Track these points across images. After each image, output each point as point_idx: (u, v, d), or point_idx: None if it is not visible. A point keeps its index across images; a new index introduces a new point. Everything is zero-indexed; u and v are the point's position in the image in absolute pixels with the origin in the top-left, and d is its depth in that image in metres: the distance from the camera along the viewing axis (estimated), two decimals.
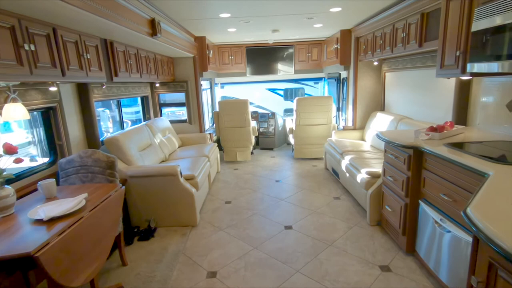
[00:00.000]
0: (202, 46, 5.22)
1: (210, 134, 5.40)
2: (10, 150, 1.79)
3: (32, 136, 4.04)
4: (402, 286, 2.22)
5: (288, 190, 4.24)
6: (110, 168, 2.45)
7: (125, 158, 3.25)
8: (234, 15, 3.75)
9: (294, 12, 3.75)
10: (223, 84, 7.79)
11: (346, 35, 5.00)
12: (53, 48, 2.01)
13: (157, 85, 4.93)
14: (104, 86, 3.16)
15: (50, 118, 2.64)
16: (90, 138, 3.14)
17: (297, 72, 6.65)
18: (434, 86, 3.44)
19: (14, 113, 1.93)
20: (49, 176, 2.57)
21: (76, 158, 2.45)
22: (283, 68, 6.62)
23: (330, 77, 6.53)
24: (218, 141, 5.89)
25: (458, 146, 2.12)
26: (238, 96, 8.01)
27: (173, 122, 5.31)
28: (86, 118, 3.09)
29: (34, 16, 1.84)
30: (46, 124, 2.66)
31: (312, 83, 8.09)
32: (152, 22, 2.92)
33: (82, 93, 3.02)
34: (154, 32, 2.95)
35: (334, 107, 5.48)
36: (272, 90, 8.41)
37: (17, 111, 1.94)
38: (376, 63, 4.61)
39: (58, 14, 1.89)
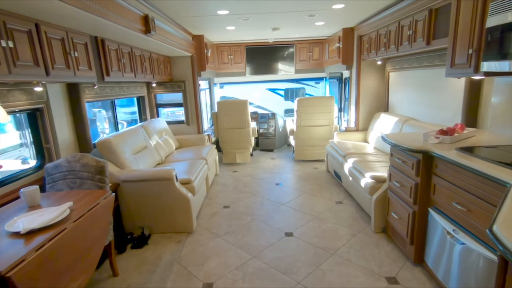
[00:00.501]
0: (200, 45, 5.07)
1: (209, 136, 5.25)
2: None
3: (24, 137, 3.90)
4: None
5: (288, 194, 4.09)
6: (99, 173, 2.31)
7: (118, 161, 3.10)
8: (232, 12, 3.61)
9: (295, 9, 3.60)
10: (222, 84, 7.64)
11: (348, 34, 4.85)
12: (35, 45, 1.86)
13: (153, 85, 4.78)
14: (96, 86, 3.02)
15: (37, 120, 2.50)
16: (81, 141, 3.00)
17: (298, 72, 6.50)
18: (442, 86, 3.29)
19: None
20: (35, 181, 2.42)
21: (63, 162, 2.31)
22: (284, 67, 6.47)
23: (331, 76, 6.38)
24: (217, 142, 5.74)
25: (471, 151, 1.97)
26: (237, 96, 7.87)
27: (170, 123, 5.16)
28: (77, 120, 2.95)
29: (12, 10, 1.69)
30: (33, 126, 2.51)
31: (313, 83, 7.94)
32: (145, 19, 2.77)
33: (72, 93, 2.87)
34: (148, 29, 2.80)
35: (336, 108, 5.33)
36: (272, 90, 8.26)
37: None
38: (379, 63, 4.46)
39: (40, 9, 1.74)
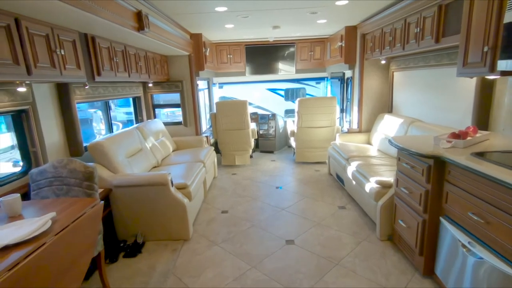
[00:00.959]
0: (198, 44, 4.92)
1: (207, 137, 5.10)
2: None
3: (15, 139, 3.76)
4: None
5: (289, 198, 3.94)
6: (88, 179, 2.15)
7: (110, 165, 2.95)
8: (231, 9, 3.46)
9: (297, 6, 3.45)
10: (222, 84, 7.49)
11: (351, 32, 4.69)
12: (15, 42, 1.71)
13: (150, 85, 4.63)
14: (87, 87, 2.87)
15: (22, 122, 2.35)
16: (71, 144, 2.85)
17: (298, 71, 6.35)
18: (450, 86, 3.14)
19: None
20: (20, 188, 2.28)
21: (49, 168, 2.16)
22: (284, 67, 6.31)
23: (333, 76, 6.23)
24: (215, 144, 5.59)
25: (488, 156, 1.82)
26: (237, 96, 7.72)
27: (167, 124, 5.01)
28: (67, 122, 2.80)
29: None
30: (18, 129, 2.36)
31: (313, 83, 7.79)
32: (138, 15, 2.62)
33: (62, 94, 2.73)
34: (141, 26, 2.65)
35: (338, 109, 5.18)
36: (272, 90, 8.11)
37: None
38: (383, 62, 4.31)
39: (20, 2, 1.59)
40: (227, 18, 3.90)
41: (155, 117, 4.99)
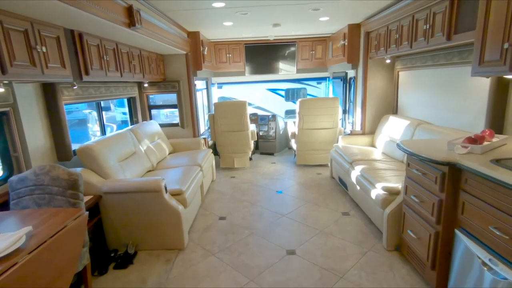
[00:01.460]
0: (195, 43, 4.75)
1: (205, 139, 4.92)
2: None
3: None
4: None
5: (290, 204, 3.77)
6: (72, 188, 1.99)
7: (101, 170, 2.78)
8: (229, 5, 3.28)
9: (299, 1, 3.27)
10: (221, 84, 7.31)
11: (354, 30, 4.52)
12: None
13: (145, 85, 4.46)
14: (75, 87, 2.70)
15: (3, 125, 2.18)
16: (59, 148, 2.69)
17: (299, 71, 6.17)
18: (460, 86, 2.96)
19: None
20: (0, 196, 2.11)
21: (30, 175, 1.99)
22: (285, 67, 6.14)
23: (335, 76, 6.05)
24: (214, 146, 5.41)
25: (511, 164, 1.65)
26: (237, 96, 7.54)
27: (163, 126, 4.83)
28: (54, 124, 2.63)
29: None
30: None
31: (314, 83, 7.61)
32: (129, 10, 2.45)
33: (48, 94, 2.56)
34: (132, 22, 2.48)
35: (340, 110, 5.00)
36: (272, 90, 7.93)
37: None
38: (388, 61, 4.14)
39: None
40: (225, 15, 3.73)
41: (151, 118, 4.82)
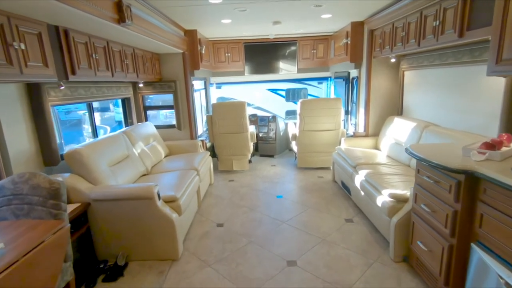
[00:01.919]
0: (193, 41, 4.59)
1: (202, 141, 4.75)
2: None
3: None
4: None
5: (290, 209, 3.60)
6: (54, 197, 1.82)
7: (90, 176, 2.62)
8: (227, 1, 3.12)
9: None
10: (220, 84, 7.15)
11: (357, 28, 4.36)
12: None
13: (140, 85, 4.29)
14: (62, 87, 2.53)
15: None
16: (45, 152, 2.53)
17: (300, 71, 6.01)
18: (471, 87, 2.80)
19: None
20: None
21: (7, 184, 1.83)
22: (285, 66, 5.97)
23: (337, 76, 5.89)
24: (212, 148, 5.25)
25: None
26: (236, 97, 7.38)
27: (159, 127, 4.67)
28: (39, 127, 2.47)
29: None
30: None
31: (315, 83, 7.45)
32: (118, 5, 2.29)
33: (33, 95, 2.40)
34: (122, 18, 2.32)
35: (342, 111, 4.84)
36: (272, 90, 7.77)
37: None
38: (393, 60, 3.97)
39: None
40: (223, 11, 3.56)
41: (147, 119, 4.66)
